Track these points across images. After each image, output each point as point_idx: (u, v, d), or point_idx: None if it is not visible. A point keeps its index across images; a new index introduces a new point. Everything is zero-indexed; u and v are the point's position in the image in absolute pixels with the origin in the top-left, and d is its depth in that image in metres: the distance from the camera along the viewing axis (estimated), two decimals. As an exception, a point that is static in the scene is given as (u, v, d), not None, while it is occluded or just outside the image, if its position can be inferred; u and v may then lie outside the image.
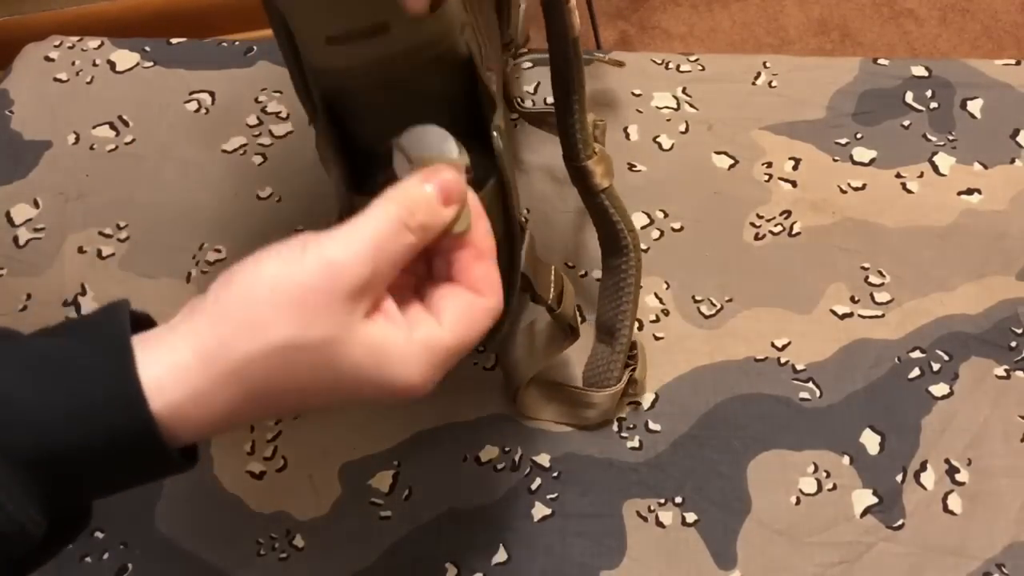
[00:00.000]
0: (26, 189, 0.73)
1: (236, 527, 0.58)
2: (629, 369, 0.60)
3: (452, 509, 0.59)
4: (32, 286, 0.67)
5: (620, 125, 0.74)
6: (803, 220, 0.69)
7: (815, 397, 0.62)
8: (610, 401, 0.60)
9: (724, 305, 0.66)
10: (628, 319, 0.59)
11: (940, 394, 0.62)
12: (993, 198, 0.70)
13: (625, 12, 1.63)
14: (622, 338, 0.59)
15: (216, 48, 0.81)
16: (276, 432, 0.62)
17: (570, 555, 0.57)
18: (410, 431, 0.62)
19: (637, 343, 0.61)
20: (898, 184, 0.71)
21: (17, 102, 0.77)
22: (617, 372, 0.59)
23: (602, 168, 0.55)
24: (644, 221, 0.70)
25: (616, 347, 0.59)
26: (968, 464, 0.59)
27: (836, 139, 0.73)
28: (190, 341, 0.33)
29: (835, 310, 0.65)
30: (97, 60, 0.80)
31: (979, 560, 0.56)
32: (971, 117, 0.74)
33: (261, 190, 0.72)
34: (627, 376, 0.60)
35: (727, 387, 0.63)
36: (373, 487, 0.60)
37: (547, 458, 0.60)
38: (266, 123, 0.76)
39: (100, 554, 0.58)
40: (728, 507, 0.58)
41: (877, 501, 0.58)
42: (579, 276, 0.67)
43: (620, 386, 0.59)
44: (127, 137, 0.75)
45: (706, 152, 0.73)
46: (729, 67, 0.78)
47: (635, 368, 0.60)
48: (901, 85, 0.76)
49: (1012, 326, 0.64)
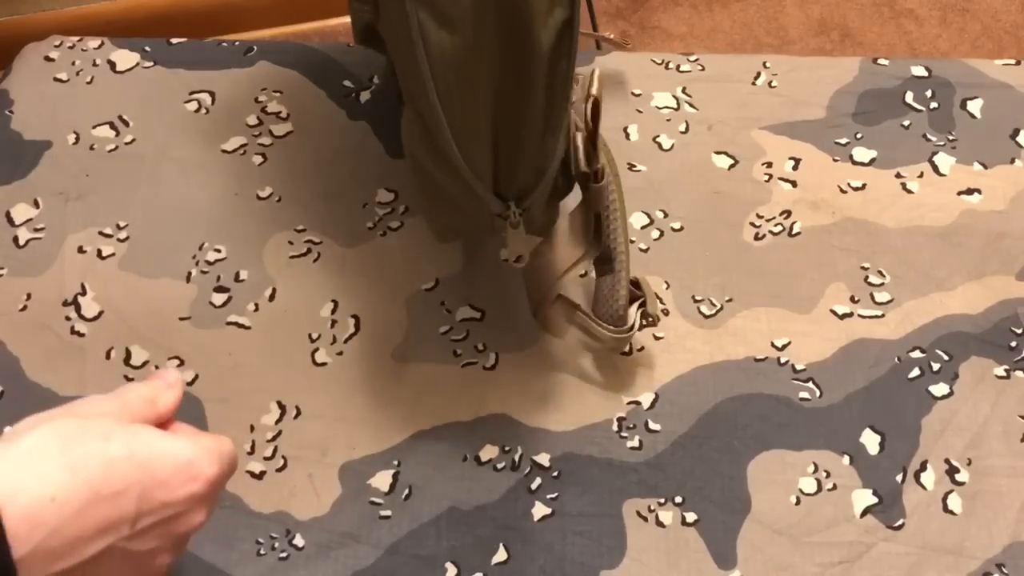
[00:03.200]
0: (26, 189, 0.72)
1: (236, 527, 0.58)
2: (639, 305, 0.60)
3: (452, 509, 0.59)
4: (32, 286, 0.67)
5: (620, 125, 0.74)
6: (803, 220, 0.69)
7: (815, 397, 0.62)
8: (618, 342, 0.60)
9: (724, 305, 0.66)
10: (621, 237, 0.59)
11: (940, 394, 0.62)
12: (993, 198, 0.70)
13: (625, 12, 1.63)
14: (620, 257, 0.59)
15: (216, 48, 0.81)
16: (276, 432, 0.62)
17: (570, 555, 0.57)
18: (410, 431, 0.62)
19: (642, 280, 0.61)
20: (898, 184, 0.71)
21: (17, 102, 0.77)
22: (623, 297, 0.59)
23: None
24: (644, 221, 0.70)
25: (616, 267, 0.59)
26: (968, 464, 0.59)
27: (836, 139, 0.73)
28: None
29: (835, 310, 0.65)
30: (97, 60, 0.80)
31: (979, 560, 0.56)
32: (971, 117, 0.74)
33: (261, 190, 0.72)
34: (637, 315, 0.60)
35: (727, 387, 0.63)
36: (373, 487, 0.60)
37: (547, 458, 0.60)
38: (266, 123, 0.76)
39: (100, 554, 0.58)
40: (728, 507, 0.58)
41: (877, 501, 0.58)
42: (579, 276, 0.67)
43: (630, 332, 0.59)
44: (127, 137, 0.75)
45: (706, 152, 0.73)
46: (729, 67, 0.78)
47: (644, 301, 0.60)
48: (901, 85, 0.76)
49: (1012, 326, 0.64)
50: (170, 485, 0.39)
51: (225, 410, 0.62)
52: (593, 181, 0.55)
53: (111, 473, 0.37)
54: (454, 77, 0.48)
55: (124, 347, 0.64)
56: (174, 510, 0.40)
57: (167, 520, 0.40)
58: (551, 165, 0.53)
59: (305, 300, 0.67)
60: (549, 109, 0.51)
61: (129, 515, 0.38)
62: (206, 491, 0.41)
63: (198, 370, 0.64)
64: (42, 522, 0.34)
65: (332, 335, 0.65)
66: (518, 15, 0.45)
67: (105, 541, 0.37)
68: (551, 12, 0.47)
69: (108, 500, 0.37)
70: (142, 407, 0.42)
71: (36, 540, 0.34)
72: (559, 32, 0.48)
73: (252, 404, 0.62)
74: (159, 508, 0.39)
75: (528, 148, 0.52)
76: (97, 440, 0.38)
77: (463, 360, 0.64)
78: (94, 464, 0.37)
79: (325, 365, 0.64)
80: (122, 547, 0.38)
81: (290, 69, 0.79)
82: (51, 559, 0.35)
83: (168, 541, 0.41)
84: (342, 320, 0.66)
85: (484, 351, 0.64)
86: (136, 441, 0.39)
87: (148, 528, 0.39)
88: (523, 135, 0.51)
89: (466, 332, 0.65)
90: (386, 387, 0.63)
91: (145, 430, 0.40)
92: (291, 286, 0.67)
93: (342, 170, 0.73)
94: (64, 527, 0.35)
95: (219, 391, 0.63)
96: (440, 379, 0.63)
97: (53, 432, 0.37)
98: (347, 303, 0.66)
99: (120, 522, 0.37)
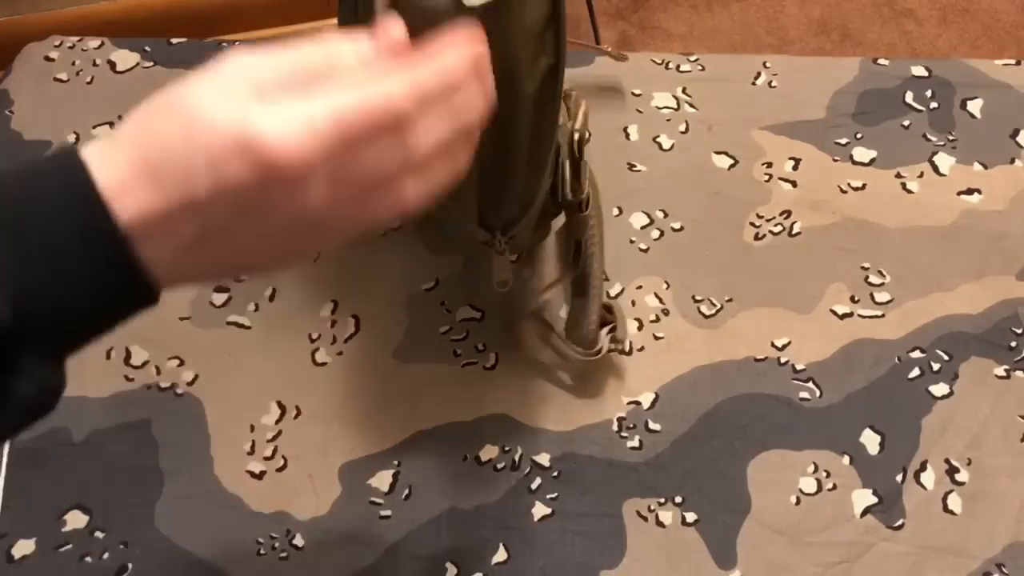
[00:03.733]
0: (26, 189, 0.72)
1: (236, 527, 0.58)
2: (609, 330, 0.61)
3: (452, 509, 0.59)
4: (32, 286, 0.67)
5: (620, 125, 0.74)
6: (803, 220, 0.69)
7: (815, 397, 0.62)
8: (586, 364, 0.61)
9: (724, 305, 0.66)
10: (596, 263, 0.60)
11: (940, 394, 0.62)
12: (993, 198, 0.70)
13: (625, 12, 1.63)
14: (594, 283, 0.60)
15: (216, 48, 0.81)
16: (276, 432, 0.62)
17: (570, 555, 0.57)
18: (410, 431, 0.62)
19: (614, 306, 0.62)
20: (898, 184, 0.71)
21: (17, 102, 0.77)
22: (593, 322, 0.60)
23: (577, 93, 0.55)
24: (644, 221, 0.70)
25: (590, 293, 0.60)
26: (968, 464, 0.59)
27: (836, 139, 0.73)
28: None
29: (835, 310, 0.65)
30: (97, 60, 0.79)
31: (979, 560, 0.56)
32: (971, 117, 0.74)
33: (261, 190, 0.72)
34: (607, 340, 0.60)
35: (727, 387, 0.63)
36: (373, 487, 0.60)
37: (547, 458, 0.60)
38: (266, 123, 0.76)
39: (100, 554, 0.58)
40: (728, 507, 0.58)
41: (877, 501, 0.58)
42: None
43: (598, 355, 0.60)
44: (127, 137, 0.75)
45: (706, 152, 0.73)
46: (729, 67, 0.78)
47: (615, 327, 0.61)
48: (901, 85, 0.76)
49: (1012, 326, 0.64)
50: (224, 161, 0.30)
51: (225, 410, 0.62)
52: (577, 210, 0.57)
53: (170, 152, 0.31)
54: None
55: (124, 347, 0.64)
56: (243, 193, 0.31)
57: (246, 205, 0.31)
58: (536, 199, 0.54)
59: (305, 300, 0.67)
60: (534, 149, 0.52)
61: (198, 196, 0.31)
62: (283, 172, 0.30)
63: (198, 370, 0.64)
64: (125, 206, 0.30)
65: (332, 335, 0.65)
66: (505, 63, 0.46)
67: (192, 223, 0.31)
68: (537, 59, 0.48)
69: (172, 180, 0.30)
70: (295, 69, 0.33)
71: (126, 220, 0.30)
72: (544, 78, 0.49)
73: (252, 404, 0.62)
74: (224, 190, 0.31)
75: (513, 185, 0.53)
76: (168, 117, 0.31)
77: (463, 360, 0.64)
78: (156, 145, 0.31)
79: (325, 365, 0.64)
80: (218, 231, 0.32)
81: (290, 69, 0.78)
82: (150, 237, 0.31)
83: (270, 227, 0.32)
84: (342, 320, 0.66)
85: (484, 351, 0.64)
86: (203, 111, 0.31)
87: (228, 212, 0.31)
88: (508, 172, 0.52)
89: (466, 332, 0.65)
90: (386, 387, 0.63)
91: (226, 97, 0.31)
92: (291, 286, 0.67)
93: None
94: (146, 212, 0.30)
95: (219, 391, 0.63)
96: (440, 379, 0.63)
97: (145, 108, 0.32)
98: (347, 303, 0.66)
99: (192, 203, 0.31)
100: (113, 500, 0.59)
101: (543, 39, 0.48)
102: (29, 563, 0.58)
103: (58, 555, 0.58)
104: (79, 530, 0.59)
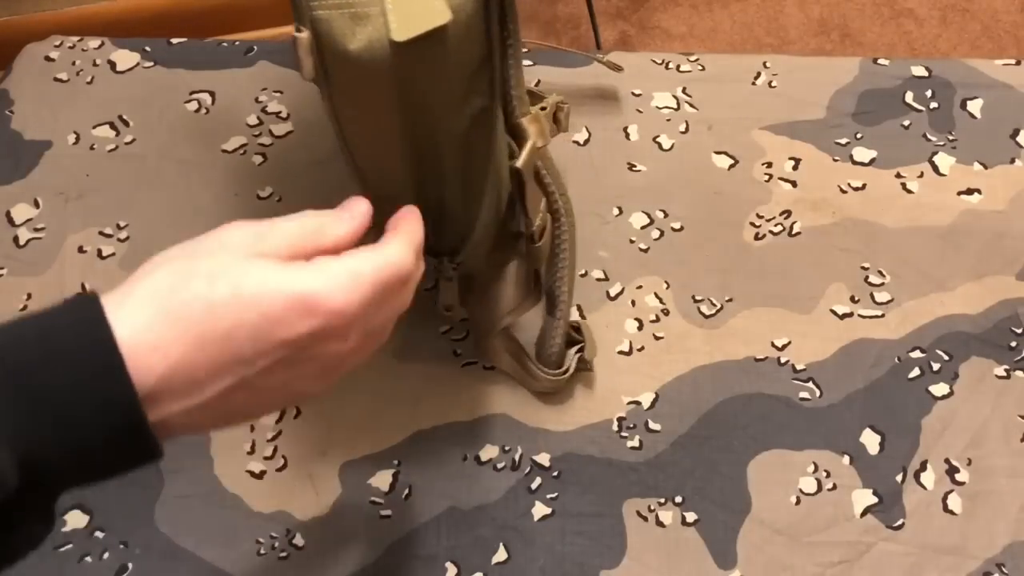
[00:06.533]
0: (26, 189, 0.73)
1: (236, 527, 0.58)
2: (577, 350, 0.60)
3: (452, 508, 0.59)
4: (32, 286, 0.67)
5: (620, 125, 0.74)
6: (803, 220, 0.69)
7: (815, 397, 0.62)
8: (553, 384, 0.61)
9: (724, 305, 0.66)
10: (565, 286, 0.59)
11: (940, 394, 0.62)
12: (993, 198, 0.70)
13: (625, 12, 1.63)
14: (561, 305, 0.59)
15: (216, 48, 0.81)
16: (276, 432, 0.62)
17: (570, 555, 0.57)
18: (410, 431, 0.62)
19: (582, 326, 0.61)
20: (898, 184, 0.71)
21: (17, 102, 0.77)
22: (558, 344, 0.60)
23: (536, 128, 0.52)
24: (644, 221, 0.70)
25: (556, 315, 0.60)
26: (968, 464, 0.59)
27: (836, 139, 0.73)
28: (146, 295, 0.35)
29: (835, 310, 0.65)
30: (97, 60, 0.80)
31: (979, 560, 0.56)
32: (971, 117, 0.74)
33: (261, 190, 0.72)
34: (574, 360, 0.60)
35: (727, 387, 0.63)
36: (373, 487, 0.60)
37: (547, 457, 0.60)
38: (266, 123, 0.76)
39: (100, 554, 0.58)
40: (728, 507, 0.58)
41: (877, 501, 0.58)
42: (579, 275, 0.67)
43: (564, 375, 0.60)
44: (127, 137, 0.75)
45: (706, 152, 0.73)
46: (729, 67, 0.78)
47: (583, 348, 0.61)
48: (901, 85, 0.76)
49: (1012, 326, 0.64)
50: (285, 321, 0.35)
51: (225, 410, 0.62)
52: (530, 242, 0.56)
53: (215, 316, 0.34)
54: (368, 151, 0.49)
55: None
56: (296, 346, 0.36)
57: (294, 356, 0.36)
58: (474, 231, 0.53)
59: (305, 300, 0.66)
60: (467, 184, 0.51)
61: (244, 354, 0.35)
62: (335, 323, 0.36)
63: (198, 370, 0.64)
64: (150, 369, 0.33)
65: (332, 335, 0.65)
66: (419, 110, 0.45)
67: (224, 381, 0.35)
68: (467, 101, 0.47)
69: (215, 343, 0.34)
70: (297, 238, 0.38)
71: (148, 386, 0.33)
72: (475, 119, 0.48)
73: (252, 404, 0.62)
74: (278, 346, 0.35)
75: (451, 216, 0.52)
76: (202, 282, 0.35)
77: (463, 360, 0.64)
78: (196, 308, 0.34)
79: (325, 365, 0.64)
80: (248, 384, 0.36)
81: (290, 69, 0.79)
82: (170, 400, 0.34)
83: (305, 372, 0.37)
84: (342, 320, 0.66)
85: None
86: (245, 278, 0.35)
87: (272, 365, 0.36)
88: (444, 205, 0.51)
89: (466, 332, 0.65)
90: (386, 387, 0.63)
91: (259, 265, 0.36)
92: (291, 286, 0.67)
93: (342, 170, 0.73)
94: (172, 374, 0.34)
95: (219, 391, 0.63)
96: (440, 379, 0.63)
97: (164, 276, 0.36)
98: (347, 303, 0.66)
99: (235, 362, 0.35)
100: (113, 500, 0.59)
101: (476, 79, 0.46)
102: (29, 563, 0.58)
103: (58, 555, 0.58)
104: (79, 530, 0.59)
